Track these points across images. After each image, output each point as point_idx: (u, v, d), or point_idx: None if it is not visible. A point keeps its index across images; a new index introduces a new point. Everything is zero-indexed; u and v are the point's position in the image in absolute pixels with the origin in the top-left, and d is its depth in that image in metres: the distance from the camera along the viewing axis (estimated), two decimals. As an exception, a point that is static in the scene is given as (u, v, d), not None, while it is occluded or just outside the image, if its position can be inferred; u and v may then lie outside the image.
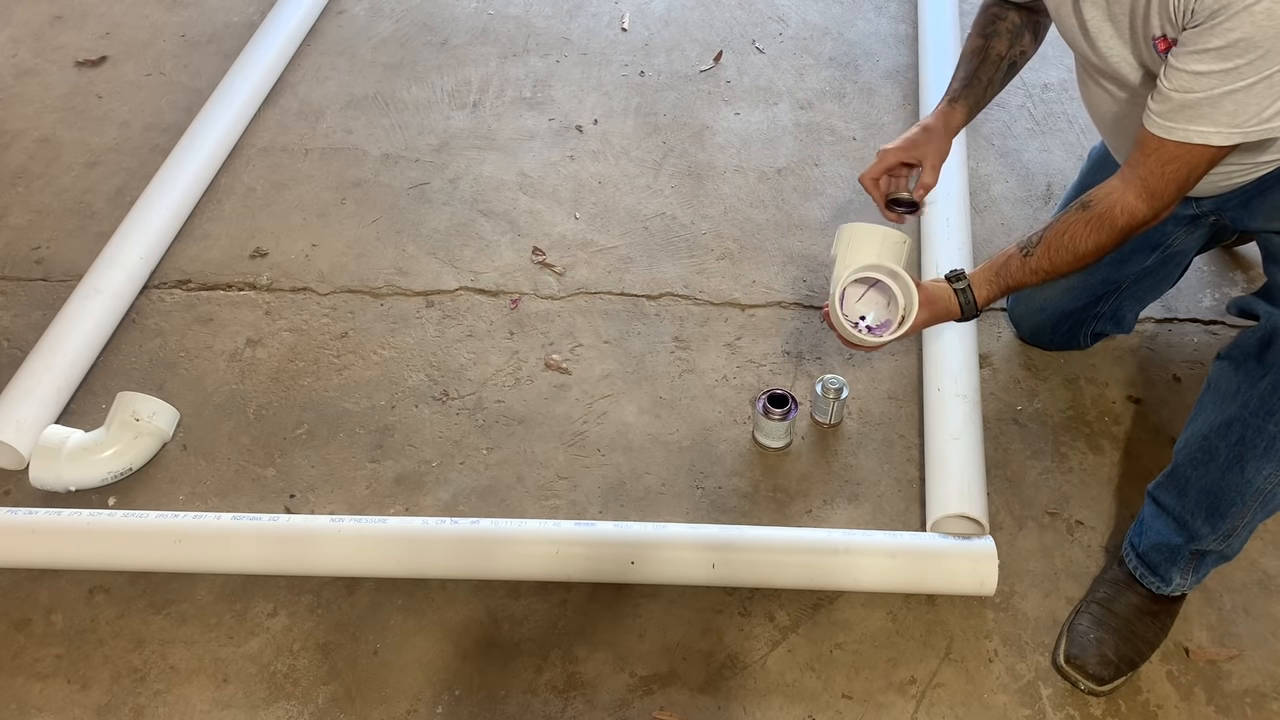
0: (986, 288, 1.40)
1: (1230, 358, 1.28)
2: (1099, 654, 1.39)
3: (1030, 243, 1.36)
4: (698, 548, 1.49)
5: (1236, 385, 1.26)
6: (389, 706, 1.41)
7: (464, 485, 1.67)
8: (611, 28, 2.64)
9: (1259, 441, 1.23)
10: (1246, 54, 1.08)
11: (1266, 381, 1.22)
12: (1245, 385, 1.25)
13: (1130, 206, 1.26)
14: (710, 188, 2.19)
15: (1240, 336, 1.28)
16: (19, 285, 2.02)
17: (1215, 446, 1.28)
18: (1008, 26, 1.51)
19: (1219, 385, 1.29)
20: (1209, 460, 1.29)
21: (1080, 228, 1.30)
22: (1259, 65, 1.08)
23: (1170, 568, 1.40)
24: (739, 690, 1.42)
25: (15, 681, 1.45)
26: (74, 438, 1.66)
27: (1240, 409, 1.25)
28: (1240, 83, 1.10)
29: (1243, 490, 1.27)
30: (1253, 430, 1.23)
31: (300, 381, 1.83)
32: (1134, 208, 1.26)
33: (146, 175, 2.15)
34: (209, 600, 1.53)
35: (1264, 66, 1.08)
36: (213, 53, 2.57)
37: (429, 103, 2.42)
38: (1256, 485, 1.25)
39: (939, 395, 1.67)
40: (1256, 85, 1.10)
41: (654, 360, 1.86)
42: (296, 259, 2.06)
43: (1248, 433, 1.24)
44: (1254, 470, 1.25)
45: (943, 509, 1.52)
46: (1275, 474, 1.24)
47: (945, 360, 1.72)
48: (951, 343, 1.73)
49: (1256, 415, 1.23)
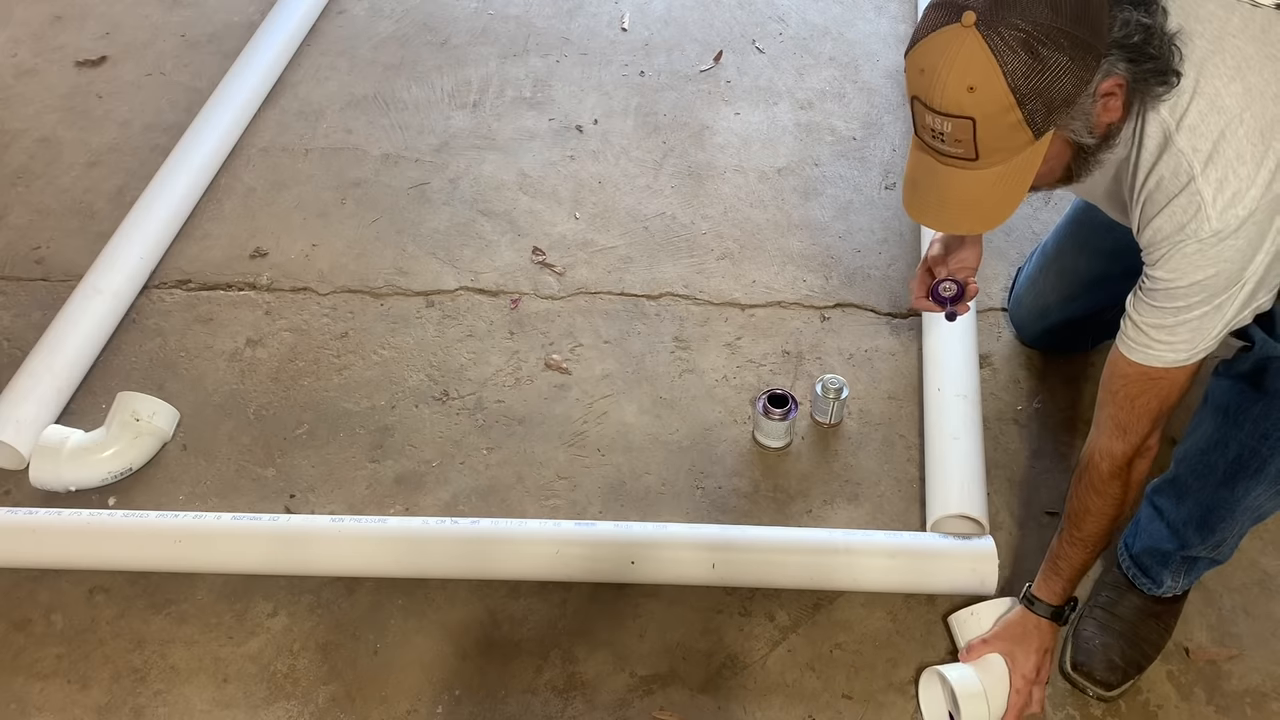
0: (1049, 586, 1.36)
1: (1228, 376, 1.28)
2: (1105, 659, 1.39)
3: (1062, 526, 1.35)
4: (698, 547, 1.49)
5: (1233, 405, 1.26)
6: (389, 706, 1.41)
7: (464, 485, 1.67)
8: (611, 28, 2.64)
9: (1252, 463, 1.24)
10: (1195, 292, 1.11)
11: (1260, 406, 1.22)
12: (1240, 408, 1.25)
13: (1106, 449, 1.26)
14: (710, 188, 2.19)
15: (1236, 359, 1.28)
16: (19, 285, 2.02)
17: (1213, 462, 1.29)
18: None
19: (1216, 401, 1.29)
20: (1208, 474, 1.30)
21: (1084, 493, 1.30)
22: (1207, 301, 1.12)
23: (1162, 571, 1.40)
24: (739, 690, 1.42)
25: (15, 681, 1.45)
26: (74, 438, 1.66)
27: (1236, 430, 1.25)
28: (1194, 312, 1.13)
29: (1232, 507, 1.28)
30: (1248, 451, 1.24)
31: (300, 381, 1.83)
32: (1110, 448, 1.25)
33: (146, 175, 2.15)
34: (209, 600, 1.53)
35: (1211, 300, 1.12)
36: (213, 53, 2.57)
37: (429, 103, 2.42)
38: (1246, 503, 1.27)
39: (939, 395, 1.67)
40: (1208, 314, 1.13)
41: (654, 360, 1.86)
42: (296, 259, 2.06)
43: (1243, 453, 1.24)
44: (1244, 490, 1.26)
45: (943, 509, 1.52)
46: (1265, 492, 1.25)
47: (945, 360, 1.72)
48: (951, 343, 1.73)
49: (1252, 437, 1.23)
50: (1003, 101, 1.00)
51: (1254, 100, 1.07)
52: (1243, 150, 1.06)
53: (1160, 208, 1.11)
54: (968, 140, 1.04)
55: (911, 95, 1.07)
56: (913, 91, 1.06)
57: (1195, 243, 1.09)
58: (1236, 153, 1.07)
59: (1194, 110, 1.08)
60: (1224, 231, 1.07)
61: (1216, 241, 1.08)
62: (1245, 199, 1.06)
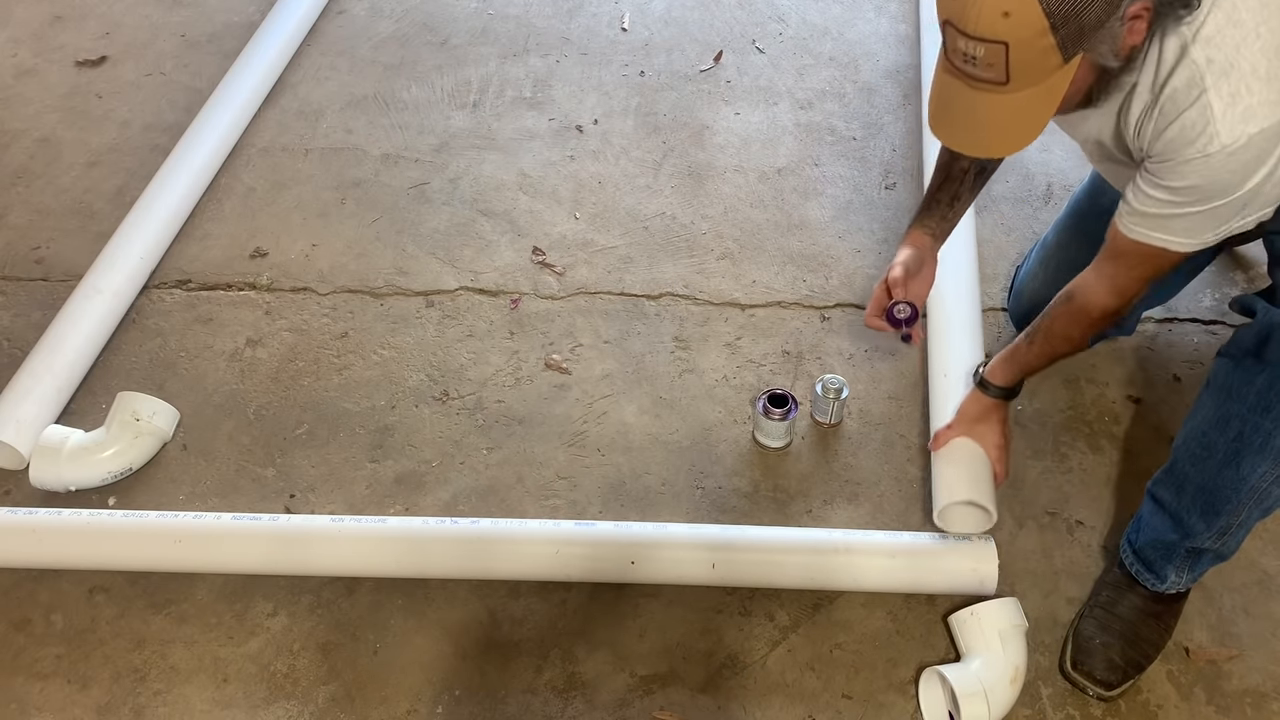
0: (1003, 372, 1.50)
1: (1229, 354, 1.29)
2: (1105, 659, 1.39)
3: (1034, 331, 1.45)
4: (698, 548, 1.49)
5: (1235, 381, 1.27)
6: (389, 706, 1.41)
7: (464, 485, 1.67)
8: (611, 28, 2.64)
9: (1255, 438, 1.23)
10: (1191, 194, 1.16)
11: (1264, 378, 1.22)
12: (1243, 381, 1.25)
13: (1101, 303, 1.34)
14: (710, 187, 2.19)
15: (1238, 333, 1.28)
16: (19, 285, 2.02)
17: (1214, 442, 1.29)
18: None
19: (1218, 381, 1.30)
20: (1207, 456, 1.30)
21: (1065, 319, 1.40)
22: (1203, 202, 1.17)
23: (1165, 565, 1.40)
24: (739, 690, 1.42)
25: (15, 681, 1.45)
26: (74, 438, 1.66)
27: (1238, 405, 1.25)
28: (1190, 209, 1.18)
29: (1238, 487, 1.27)
30: (1250, 426, 1.23)
31: (300, 381, 1.83)
32: (1104, 303, 1.34)
33: (146, 175, 2.15)
34: (209, 600, 1.53)
35: (1208, 203, 1.17)
36: (213, 53, 2.57)
37: (429, 103, 2.42)
38: (1252, 483, 1.26)
39: (945, 381, 1.66)
40: (1203, 214, 1.18)
41: (654, 360, 1.86)
42: (296, 259, 2.06)
43: (1245, 428, 1.24)
44: (1250, 467, 1.25)
45: (949, 496, 1.51)
46: (1271, 471, 1.24)
47: (951, 346, 1.72)
48: (956, 330, 1.73)
49: (1254, 411, 1.23)
50: (1037, 26, 1.02)
51: (1271, 16, 1.09)
52: (1257, 65, 1.08)
53: (1170, 120, 1.13)
54: (999, 65, 1.06)
55: (944, 19, 1.08)
56: (945, 16, 1.07)
57: (1201, 157, 1.12)
58: (1251, 67, 1.08)
59: (1211, 23, 1.09)
60: (1231, 146, 1.09)
61: (1223, 155, 1.10)
62: (1256, 115, 1.08)
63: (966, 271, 1.83)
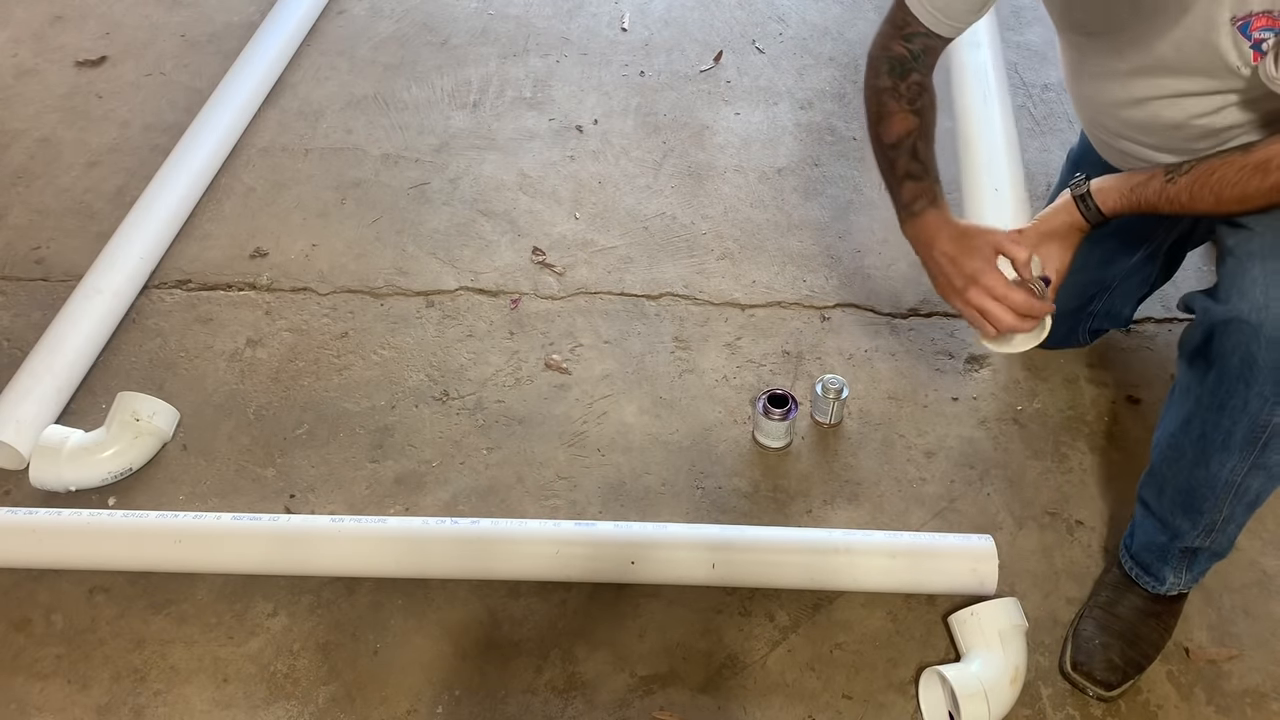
0: (1117, 198, 1.28)
1: (1181, 355, 1.29)
2: (1105, 659, 1.39)
3: (1178, 170, 1.23)
4: (698, 548, 1.49)
5: (1189, 381, 1.27)
6: (389, 706, 1.41)
7: (464, 485, 1.67)
8: (611, 28, 2.64)
9: (1216, 435, 1.23)
10: None
11: (1213, 375, 1.22)
12: (1196, 381, 1.25)
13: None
14: (710, 188, 2.19)
15: (1185, 332, 1.27)
16: (19, 285, 2.02)
17: (1180, 443, 1.29)
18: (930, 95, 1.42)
19: (1178, 381, 1.30)
20: (1178, 458, 1.30)
21: (1232, 171, 1.18)
22: None
23: (1162, 566, 1.40)
24: (739, 690, 1.42)
25: (15, 681, 1.45)
26: (74, 438, 1.66)
27: (1195, 405, 1.25)
28: None
29: (1212, 485, 1.27)
30: (1210, 424, 1.24)
31: (300, 381, 1.83)
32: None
33: (146, 175, 2.15)
34: (209, 600, 1.53)
35: None
36: (213, 53, 2.57)
37: (429, 103, 2.42)
38: (1224, 479, 1.26)
39: (996, 196, 1.82)
40: None
41: (654, 360, 1.86)
42: (296, 259, 2.06)
43: (1206, 427, 1.24)
44: (1218, 464, 1.25)
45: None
46: (1240, 465, 1.24)
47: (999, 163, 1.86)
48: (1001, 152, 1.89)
49: (1210, 410, 1.23)
50: None
51: None
52: None
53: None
54: None
55: None
56: None
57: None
58: None
59: None
60: None
61: None
62: None
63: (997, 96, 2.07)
